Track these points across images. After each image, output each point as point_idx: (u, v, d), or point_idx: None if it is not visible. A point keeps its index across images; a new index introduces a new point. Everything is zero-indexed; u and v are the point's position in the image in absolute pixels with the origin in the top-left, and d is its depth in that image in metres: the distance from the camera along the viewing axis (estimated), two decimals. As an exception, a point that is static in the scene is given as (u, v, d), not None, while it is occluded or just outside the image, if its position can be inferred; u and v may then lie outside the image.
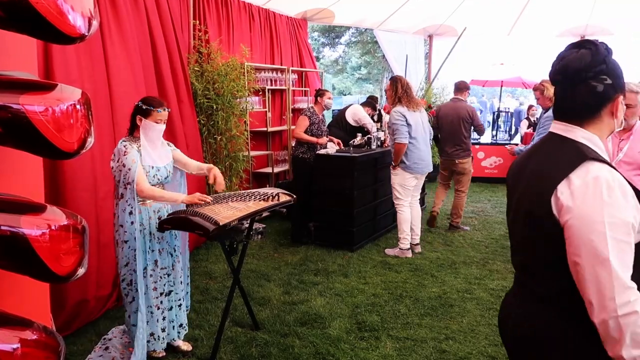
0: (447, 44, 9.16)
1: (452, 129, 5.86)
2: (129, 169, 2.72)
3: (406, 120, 4.81)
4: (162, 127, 2.89)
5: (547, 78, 5.12)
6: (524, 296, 1.47)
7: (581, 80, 1.35)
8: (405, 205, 5.03)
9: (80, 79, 3.16)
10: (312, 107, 5.56)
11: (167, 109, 2.90)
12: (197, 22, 5.08)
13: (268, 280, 4.36)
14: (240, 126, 5.31)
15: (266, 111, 6.30)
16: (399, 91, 4.90)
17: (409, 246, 5.05)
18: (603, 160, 1.30)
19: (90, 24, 1.22)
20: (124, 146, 2.77)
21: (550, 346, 1.36)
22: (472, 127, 5.90)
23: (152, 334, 2.93)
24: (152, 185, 2.85)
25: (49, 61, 2.95)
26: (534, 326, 1.40)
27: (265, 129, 6.35)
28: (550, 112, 4.65)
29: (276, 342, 3.25)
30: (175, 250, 3.05)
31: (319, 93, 5.55)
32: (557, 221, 1.29)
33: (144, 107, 2.81)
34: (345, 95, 27.17)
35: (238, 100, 5.21)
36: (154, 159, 2.87)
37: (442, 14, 8.49)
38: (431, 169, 5.14)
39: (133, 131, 2.89)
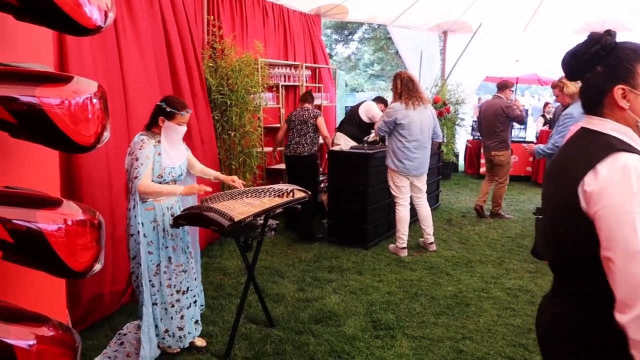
0: (461, 40, 9.05)
1: (488, 123, 6.34)
2: (141, 164, 2.71)
3: (396, 119, 4.72)
4: (184, 129, 2.89)
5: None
6: (558, 298, 1.41)
7: (582, 73, 1.37)
8: (401, 204, 4.95)
9: (94, 74, 3.15)
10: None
11: (189, 111, 2.89)
12: (212, 17, 5.06)
13: (282, 277, 4.34)
14: (254, 122, 5.30)
15: (279, 107, 6.27)
16: (398, 87, 4.81)
17: (404, 245, 4.97)
18: (634, 151, 1.24)
19: (106, 16, 1.20)
20: (141, 140, 2.76)
21: (581, 347, 1.31)
22: (511, 121, 6.33)
23: (166, 331, 2.92)
24: (166, 182, 2.84)
25: (64, 55, 2.94)
26: (566, 328, 1.35)
27: (278, 125, 6.32)
28: (569, 110, 4.55)
29: (291, 339, 3.23)
30: (188, 247, 3.04)
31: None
32: (586, 215, 1.23)
33: (167, 109, 2.78)
34: (357, 92, 27.06)
35: (252, 96, 5.19)
36: (172, 159, 2.86)
37: (457, 9, 8.38)
38: (423, 172, 4.94)
39: (151, 127, 2.87)
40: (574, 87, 4.60)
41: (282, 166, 6.46)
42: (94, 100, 1.17)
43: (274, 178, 6.46)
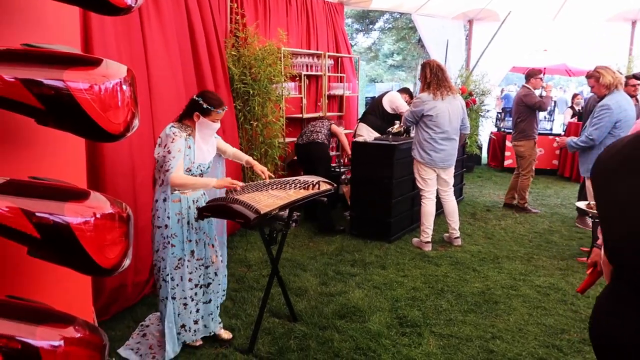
0: (487, 29, 8.79)
1: (512, 114, 6.48)
2: (173, 157, 2.65)
3: (423, 110, 4.59)
4: (218, 125, 2.84)
5: (601, 64, 4.75)
6: (616, 298, 1.29)
7: None
8: (427, 197, 4.82)
9: (118, 60, 3.09)
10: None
11: (225, 108, 2.84)
12: (235, 5, 4.96)
13: (304, 270, 4.27)
14: (277, 112, 5.21)
15: (301, 97, 6.17)
16: (427, 76, 4.66)
17: (429, 240, 4.85)
18: None
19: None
20: (173, 133, 2.70)
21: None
22: (532, 111, 6.15)
23: (183, 326, 2.87)
24: (195, 175, 2.79)
25: (88, 41, 2.88)
26: (624, 331, 1.23)
27: (300, 115, 6.23)
28: (605, 101, 4.36)
29: (315, 334, 3.15)
30: (215, 241, 3.00)
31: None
32: None
33: (204, 105, 2.72)
34: (376, 82, 26.77)
35: (274, 85, 5.10)
36: (204, 155, 2.82)
37: (484, -3, 8.15)
38: (450, 164, 4.80)
39: (184, 119, 2.81)
40: (610, 77, 4.40)
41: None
42: (124, 86, 1.10)
43: (294, 169, 6.38)
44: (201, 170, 2.85)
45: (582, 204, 2.04)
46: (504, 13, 8.30)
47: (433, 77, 4.61)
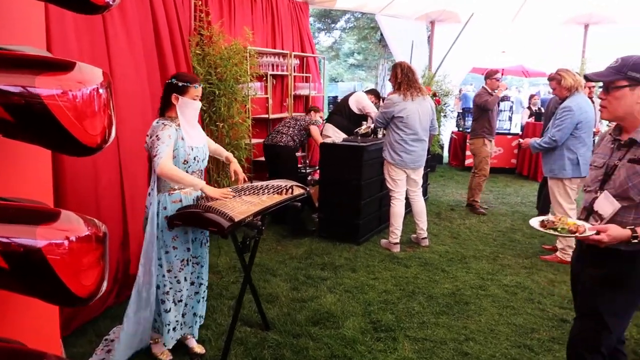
0: (449, 31, 8.94)
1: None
2: (162, 142, 2.51)
3: (393, 111, 4.59)
4: (199, 104, 2.72)
5: (562, 67, 4.86)
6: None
7: None
8: (397, 197, 4.83)
9: (79, 59, 2.90)
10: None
11: (201, 85, 2.74)
12: (200, 2, 4.80)
13: (274, 275, 4.17)
14: (243, 113, 5.08)
15: (267, 97, 6.06)
16: (398, 77, 4.67)
17: (397, 241, 4.86)
18: None
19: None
20: (163, 123, 2.58)
21: None
22: (486, 110, 6.28)
23: (169, 323, 2.78)
24: (193, 172, 2.68)
25: (47, 36, 2.67)
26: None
27: (266, 115, 6.11)
28: (567, 103, 4.47)
29: (289, 343, 3.07)
30: (207, 241, 2.96)
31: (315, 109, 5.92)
32: None
33: (180, 84, 2.61)
34: (337, 81, 26.84)
35: (241, 85, 4.97)
36: (193, 138, 2.69)
37: (445, -1, 8.27)
38: (420, 164, 4.84)
39: (165, 111, 2.68)
40: (571, 79, 4.51)
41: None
42: (101, 91, 0.98)
43: (261, 171, 6.26)
44: (198, 165, 2.73)
45: (536, 223, 2.13)
46: (464, 15, 8.46)
47: (404, 78, 4.61)
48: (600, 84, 2.10)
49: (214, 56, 4.72)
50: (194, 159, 2.68)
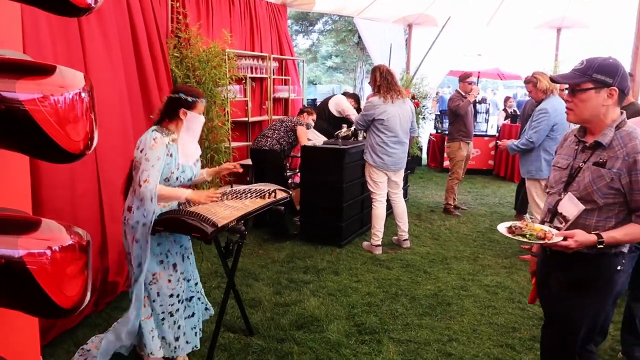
0: (426, 34, 9.05)
1: None
2: (152, 166, 2.44)
3: (374, 114, 4.61)
4: (204, 118, 2.69)
5: (538, 70, 4.96)
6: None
7: None
8: (378, 199, 4.85)
9: (54, 61, 2.82)
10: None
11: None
12: (177, 4, 4.74)
13: (256, 279, 4.13)
14: (222, 116, 5.03)
15: (247, 100, 6.02)
16: (377, 80, 4.70)
17: (379, 243, 4.88)
18: None
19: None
20: (154, 138, 2.49)
21: None
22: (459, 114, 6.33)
23: (163, 338, 2.71)
24: (174, 186, 2.62)
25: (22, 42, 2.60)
26: None
27: (245, 118, 6.07)
28: (543, 105, 4.55)
29: (273, 348, 3.04)
30: (192, 254, 2.88)
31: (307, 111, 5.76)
32: None
33: (189, 99, 2.56)
34: (315, 84, 26.89)
35: (219, 88, 4.92)
36: (189, 155, 2.65)
37: (422, 3, 8.35)
38: (401, 167, 4.87)
39: (164, 121, 2.62)
40: (546, 82, 4.61)
41: (250, 162, 6.22)
42: (83, 95, 0.95)
43: (242, 174, 6.20)
44: (181, 182, 2.67)
45: (503, 230, 2.12)
46: (441, 18, 8.57)
47: (383, 81, 4.63)
48: None
49: (192, 59, 4.67)
50: (177, 178, 2.62)
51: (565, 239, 1.92)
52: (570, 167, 2.07)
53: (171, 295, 2.70)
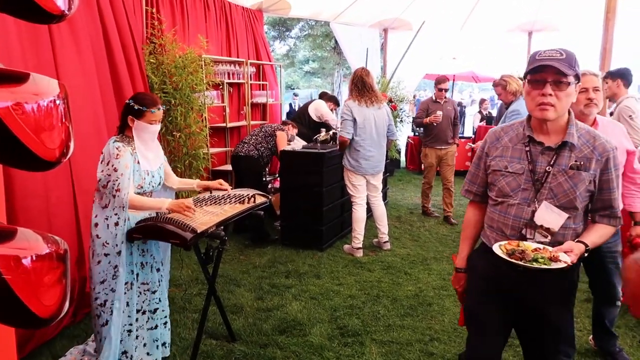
0: (401, 38, 9.16)
1: None
2: (122, 175, 2.41)
3: (352, 116, 4.63)
4: (157, 127, 2.62)
5: (506, 73, 5.06)
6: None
7: None
8: (358, 203, 4.88)
9: (24, 68, 2.77)
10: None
11: (161, 108, 2.63)
12: (152, 9, 4.70)
13: (238, 285, 4.11)
14: (200, 122, 5.00)
15: (225, 106, 5.99)
16: (350, 86, 4.78)
17: (360, 245, 4.91)
18: None
19: (71, 2, 0.97)
20: (117, 148, 2.46)
21: None
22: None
23: (124, 352, 2.63)
24: (146, 193, 2.58)
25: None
26: None
27: (224, 124, 6.05)
28: (514, 106, 4.65)
29: (256, 354, 3.03)
30: (162, 265, 2.78)
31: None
32: None
33: (135, 107, 2.51)
34: (293, 89, 26.90)
35: (197, 94, 4.90)
36: (149, 162, 2.60)
37: (397, 7, 8.46)
38: (379, 170, 4.90)
39: (124, 130, 2.58)
40: (515, 84, 4.71)
41: (228, 167, 6.20)
42: (58, 103, 0.95)
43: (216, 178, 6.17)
44: (152, 187, 2.64)
45: (500, 252, 1.82)
46: (416, 23, 8.68)
47: (354, 87, 4.69)
48: None
49: (168, 65, 4.63)
50: (149, 183, 2.61)
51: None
52: (530, 172, 1.83)
53: (128, 305, 2.62)
